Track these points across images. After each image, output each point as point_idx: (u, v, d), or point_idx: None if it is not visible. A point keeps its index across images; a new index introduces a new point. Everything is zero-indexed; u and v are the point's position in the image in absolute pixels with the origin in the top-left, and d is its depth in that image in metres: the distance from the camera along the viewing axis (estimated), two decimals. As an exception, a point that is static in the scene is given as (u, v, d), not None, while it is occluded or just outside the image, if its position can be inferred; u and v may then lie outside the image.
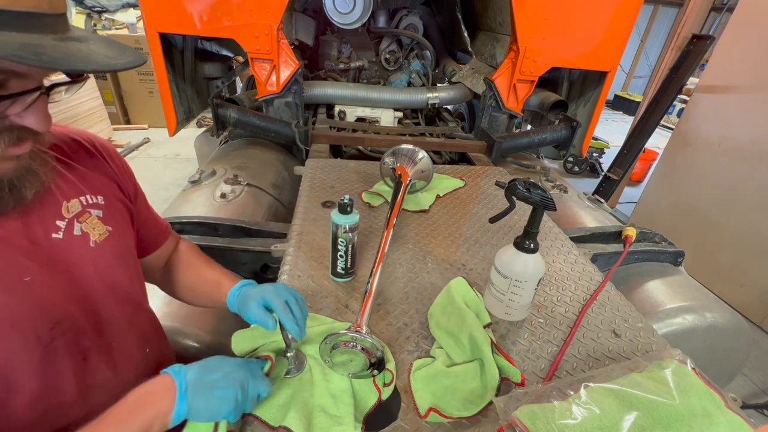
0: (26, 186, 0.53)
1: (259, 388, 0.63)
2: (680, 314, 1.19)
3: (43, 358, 0.56)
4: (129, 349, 0.71)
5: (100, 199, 0.67)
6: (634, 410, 0.61)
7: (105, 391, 0.66)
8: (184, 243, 0.93)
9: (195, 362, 0.61)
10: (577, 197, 1.81)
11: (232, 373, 0.61)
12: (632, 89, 10.25)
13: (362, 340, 0.69)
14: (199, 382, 0.58)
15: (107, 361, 0.66)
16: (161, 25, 1.73)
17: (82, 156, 0.68)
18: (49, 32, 0.44)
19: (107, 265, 0.66)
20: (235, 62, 2.84)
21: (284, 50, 1.81)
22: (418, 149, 1.39)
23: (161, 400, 0.56)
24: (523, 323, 0.91)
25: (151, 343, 0.78)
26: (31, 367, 0.55)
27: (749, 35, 2.84)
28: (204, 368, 0.60)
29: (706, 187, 3.13)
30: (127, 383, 0.70)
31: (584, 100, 2.30)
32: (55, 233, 0.60)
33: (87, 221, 0.64)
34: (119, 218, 0.71)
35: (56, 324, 0.57)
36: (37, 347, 0.55)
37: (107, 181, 0.71)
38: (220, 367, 0.61)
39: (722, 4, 7.87)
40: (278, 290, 0.74)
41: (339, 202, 0.87)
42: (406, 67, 2.69)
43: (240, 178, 1.62)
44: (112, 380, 0.67)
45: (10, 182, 0.52)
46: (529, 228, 0.83)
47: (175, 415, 0.56)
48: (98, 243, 0.65)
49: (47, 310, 0.57)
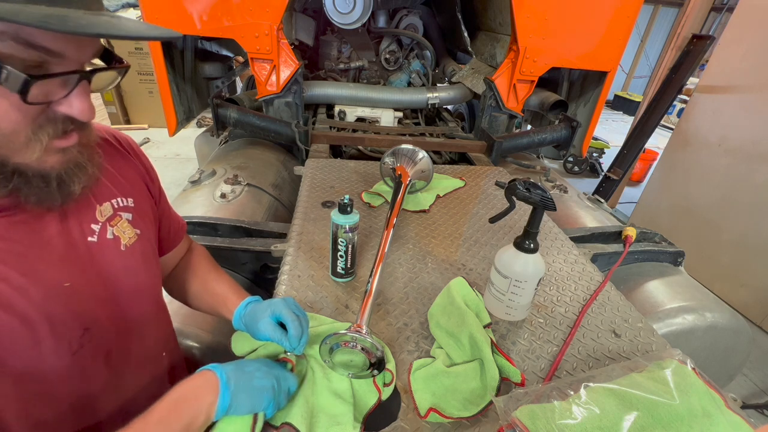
0: (74, 181, 0.52)
1: (290, 381, 0.65)
2: (680, 314, 1.19)
3: (73, 364, 0.56)
4: (148, 350, 0.71)
5: (130, 201, 0.67)
6: (634, 410, 0.61)
7: (125, 390, 0.67)
8: (197, 246, 0.92)
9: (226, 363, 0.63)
10: (577, 197, 1.80)
11: (264, 366, 0.63)
12: (632, 89, 10.26)
13: (362, 340, 0.69)
14: (239, 373, 0.60)
15: (128, 362, 0.66)
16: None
17: (111, 154, 0.66)
18: (81, 7, 0.43)
19: (135, 268, 0.65)
20: (235, 62, 2.84)
21: (284, 50, 1.81)
22: (418, 149, 1.39)
23: (205, 392, 0.57)
24: (523, 323, 0.91)
25: (168, 344, 0.79)
26: (63, 373, 0.55)
27: (749, 35, 2.84)
28: (238, 364, 0.62)
29: (706, 187, 3.13)
30: (143, 384, 0.71)
31: (584, 100, 2.30)
32: (91, 237, 0.59)
33: (118, 225, 0.63)
34: (147, 220, 0.70)
35: (86, 330, 0.57)
36: (68, 353, 0.55)
37: (136, 181, 0.70)
38: (251, 363, 0.63)
39: (722, 4, 7.87)
40: (288, 304, 0.72)
41: (339, 202, 0.87)
42: (406, 67, 2.69)
43: (240, 178, 1.62)
44: (131, 380, 0.68)
45: (59, 177, 0.50)
46: (529, 228, 0.83)
47: (220, 407, 0.56)
48: (128, 246, 0.64)
49: (80, 316, 0.56)
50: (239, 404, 0.58)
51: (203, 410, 0.55)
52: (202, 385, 0.58)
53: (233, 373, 0.59)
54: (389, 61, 2.66)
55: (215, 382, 0.58)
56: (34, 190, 0.49)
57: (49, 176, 0.49)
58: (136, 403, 0.67)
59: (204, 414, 0.55)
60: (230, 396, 0.57)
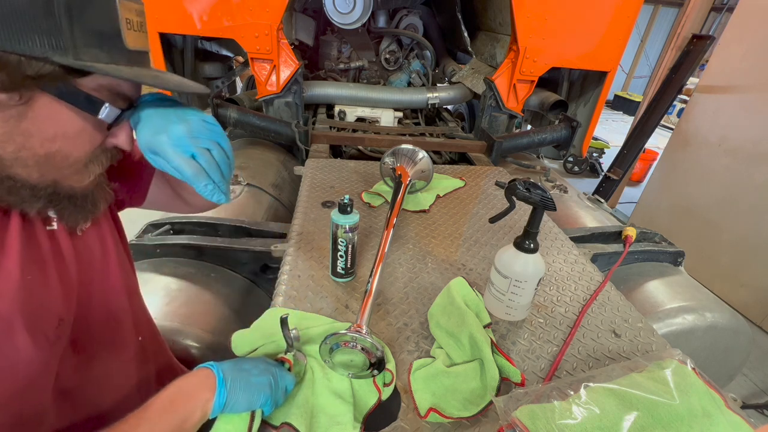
0: (100, 199, 0.59)
1: (287, 380, 0.65)
2: (680, 314, 1.19)
3: (52, 356, 0.56)
4: (124, 337, 0.71)
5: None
6: (634, 410, 0.61)
7: (106, 383, 0.66)
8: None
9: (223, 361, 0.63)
10: (577, 197, 1.80)
11: (261, 363, 0.64)
12: (632, 89, 10.26)
13: (362, 340, 0.70)
14: (235, 370, 0.60)
15: (101, 351, 0.66)
16: (161, 25, 1.73)
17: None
18: (143, 65, 0.55)
19: (112, 256, 0.67)
20: (235, 62, 2.84)
21: (284, 50, 1.81)
22: (418, 149, 1.39)
23: (201, 389, 0.57)
24: (523, 323, 0.91)
25: (144, 331, 0.78)
26: (41, 365, 0.55)
27: (749, 35, 2.84)
28: (235, 362, 0.63)
29: (705, 187, 3.13)
30: (126, 376, 0.71)
31: (584, 100, 2.30)
32: (49, 225, 0.59)
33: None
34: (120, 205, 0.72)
35: (60, 321, 0.57)
36: (47, 345, 0.55)
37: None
38: (249, 361, 0.64)
39: (722, 4, 7.87)
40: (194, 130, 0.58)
41: (339, 202, 0.87)
42: (406, 67, 2.69)
43: (240, 178, 1.62)
44: (109, 372, 0.67)
45: (93, 197, 0.57)
46: (529, 228, 0.83)
47: (216, 404, 0.57)
48: (106, 236, 0.66)
49: (55, 307, 0.56)
50: (236, 401, 0.58)
51: (199, 407, 0.56)
52: (198, 382, 0.58)
53: (230, 370, 0.60)
54: (389, 61, 2.66)
55: (212, 379, 0.58)
56: (74, 209, 0.56)
57: (86, 197, 0.56)
58: (117, 394, 0.68)
59: (200, 411, 0.56)
60: (227, 393, 0.57)
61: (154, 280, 1.09)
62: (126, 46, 0.51)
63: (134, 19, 0.52)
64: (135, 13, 0.52)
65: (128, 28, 0.50)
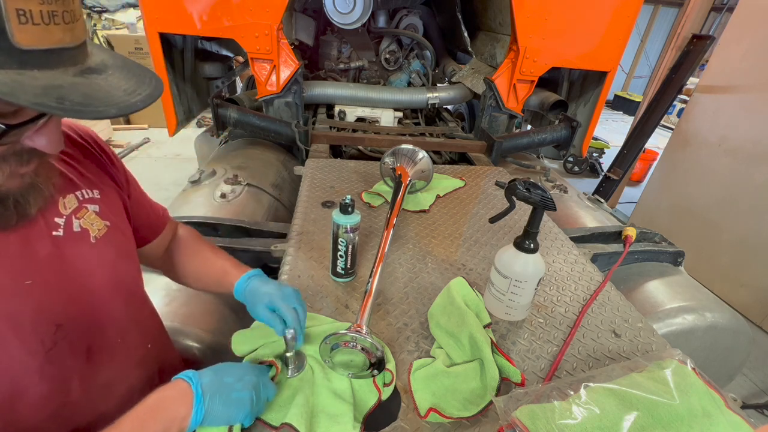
0: (30, 203, 0.53)
1: (269, 391, 0.64)
2: (680, 314, 1.19)
3: (48, 362, 0.55)
4: (132, 345, 0.71)
5: (96, 193, 0.65)
6: (634, 410, 0.61)
7: (109, 390, 0.66)
8: (184, 228, 0.92)
9: (206, 368, 0.61)
10: (577, 197, 1.80)
11: (245, 376, 0.62)
12: (632, 89, 10.26)
13: (362, 340, 0.70)
14: (215, 386, 0.58)
15: (110, 359, 0.66)
16: (161, 25, 1.73)
17: (70, 146, 0.65)
18: (70, 65, 0.44)
19: (109, 260, 0.65)
20: (235, 62, 2.84)
21: (284, 50, 1.81)
22: (418, 149, 1.39)
23: (178, 405, 0.56)
24: (523, 323, 0.91)
25: (153, 338, 0.78)
26: (36, 372, 0.54)
27: (749, 35, 2.84)
28: (217, 373, 0.60)
29: (706, 187, 3.13)
30: (131, 381, 0.70)
31: (584, 100, 2.30)
32: (56, 231, 0.58)
33: (84, 217, 0.62)
34: (116, 211, 0.69)
35: (58, 327, 0.56)
36: (41, 351, 0.54)
37: (100, 172, 0.68)
38: (232, 371, 0.62)
39: (722, 4, 7.87)
40: (285, 296, 0.73)
41: (340, 203, 0.87)
42: (406, 67, 2.69)
43: (240, 178, 1.62)
44: (116, 378, 0.67)
45: (15, 199, 0.51)
46: (529, 228, 0.83)
47: (193, 420, 0.55)
48: (98, 238, 0.63)
49: (50, 313, 0.56)
50: (214, 417, 0.57)
51: (176, 424, 0.54)
52: (174, 396, 0.56)
53: (210, 384, 0.58)
54: (389, 61, 2.66)
55: (189, 395, 0.56)
56: None
57: (6, 200, 0.50)
58: (123, 401, 0.66)
59: (176, 427, 0.54)
60: (204, 410, 0.56)
61: (154, 280, 1.09)
62: (14, 44, 0.38)
63: (34, 9, 0.39)
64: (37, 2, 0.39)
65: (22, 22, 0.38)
